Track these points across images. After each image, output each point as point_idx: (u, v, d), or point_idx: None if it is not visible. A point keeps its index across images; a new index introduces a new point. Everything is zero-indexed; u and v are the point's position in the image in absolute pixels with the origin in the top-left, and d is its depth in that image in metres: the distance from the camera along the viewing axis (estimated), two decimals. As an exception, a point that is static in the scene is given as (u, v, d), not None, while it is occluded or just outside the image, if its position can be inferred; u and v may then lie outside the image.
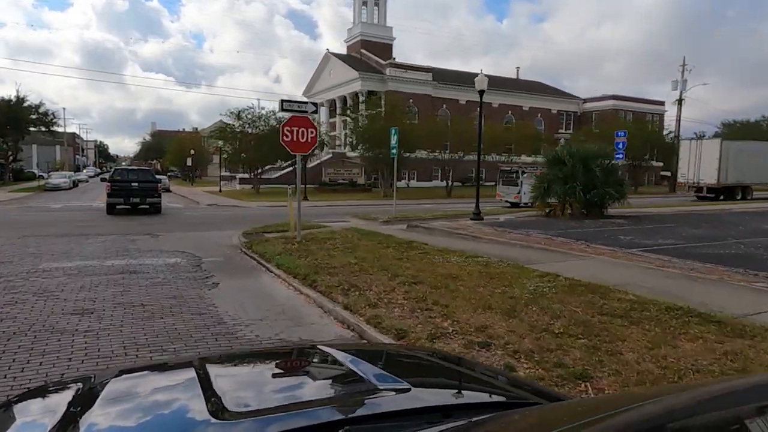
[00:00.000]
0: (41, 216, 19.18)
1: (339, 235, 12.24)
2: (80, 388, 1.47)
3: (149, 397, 1.40)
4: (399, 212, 17.57)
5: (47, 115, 49.66)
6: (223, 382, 1.40)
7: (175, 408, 1.30)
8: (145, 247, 11.40)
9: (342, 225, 15.97)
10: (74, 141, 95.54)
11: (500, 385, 1.64)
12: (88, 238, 12.77)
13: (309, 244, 11.17)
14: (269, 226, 15.15)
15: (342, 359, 1.59)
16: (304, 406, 1.24)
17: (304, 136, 11.30)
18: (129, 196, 19.81)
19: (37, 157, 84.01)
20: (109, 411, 1.25)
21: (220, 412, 1.15)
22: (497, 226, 13.55)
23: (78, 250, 10.82)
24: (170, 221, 17.78)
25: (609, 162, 15.71)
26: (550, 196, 15.47)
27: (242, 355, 2.50)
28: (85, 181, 60.85)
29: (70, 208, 23.41)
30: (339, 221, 17.27)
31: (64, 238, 12.58)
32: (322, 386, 1.48)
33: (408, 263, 8.49)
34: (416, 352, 2.40)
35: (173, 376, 1.60)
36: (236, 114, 35.23)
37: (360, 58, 52.89)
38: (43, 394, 1.58)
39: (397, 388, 1.30)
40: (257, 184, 36.32)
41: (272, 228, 14.53)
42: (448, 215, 17.43)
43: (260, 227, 14.92)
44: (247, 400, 1.32)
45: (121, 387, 1.44)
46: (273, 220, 17.40)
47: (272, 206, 25.48)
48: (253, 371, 1.71)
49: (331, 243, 11.16)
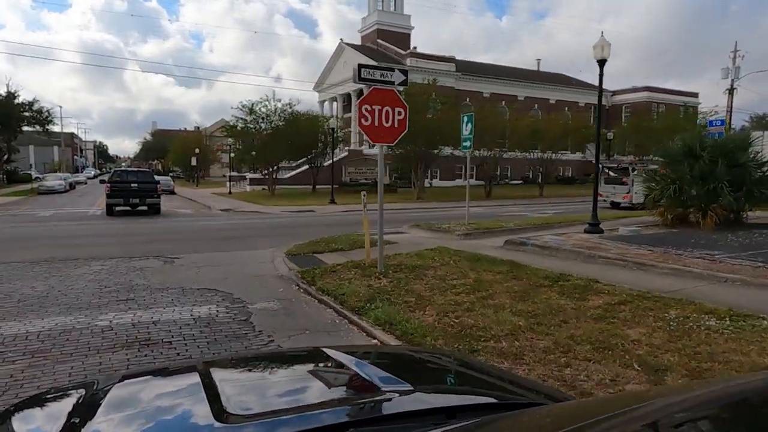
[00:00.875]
0: (23, 229, 15.57)
1: (432, 260, 8.68)
2: (83, 395, 1.45)
3: (153, 402, 1.38)
4: (470, 220, 13.98)
5: (41, 112, 46.18)
6: (228, 386, 1.38)
7: (179, 413, 1.27)
8: (158, 282, 7.81)
9: (407, 239, 12.38)
10: (72, 141, 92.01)
11: (505, 386, 1.62)
12: (78, 264, 9.19)
13: (399, 275, 7.60)
14: (317, 242, 11.57)
15: (346, 362, 1.57)
16: (308, 409, 1.22)
17: (389, 119, 7.73)
18: (128, 197, 19.43)
19: (34, 157, 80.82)
20: (113, 417, 1.23)
21: (225, 417, 1.13)
22: (636, 242, 9.95)
23: (58, 291, 7.21)
24: (184, 234, 14.20)
25: (759, 155, 12.08)
26: (679, 198, 11.85)
27: (246, 358, 2.26)
28: (83, 183, 57.14)
29: (61, 216, 19.81)
30: (396, 232, 13.71)
31: (43, 267, 8.99)
32: (326, 389, 1.43)
33: (623, 326, 4.92)
34: (421, 354, 2.30)
35: (177, 381, 1.59)
36: (249, 108, 31.54)
37: (377, 49, 49.23)
38: (46, 401, 1.55)
39: (402, 390, 1.30)
40: (272, 185, 32.68)
41: (323, 246, 10.96)
42: (543, 224, 13.81)
43: (306, 244, 11.33)
44: (252, 403, 1.31)
45: (125, 393, 1.41)
46: (312, 232, 13.87)
47: (298, 211, 21.88)
48: (258, 375, 1.68)
49: (433, 274, 7.59)
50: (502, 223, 13.60)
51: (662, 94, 55.91)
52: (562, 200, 29.00)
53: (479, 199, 29.35)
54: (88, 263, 9.32)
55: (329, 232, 14.19)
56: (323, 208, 23.18)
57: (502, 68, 56.22)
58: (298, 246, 11.15)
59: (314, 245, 11.14)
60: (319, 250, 10.51)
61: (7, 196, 32.28)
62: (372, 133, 7.63)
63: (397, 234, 13.67)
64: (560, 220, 14.74)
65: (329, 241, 11.70)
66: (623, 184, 20.91)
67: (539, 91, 54.42)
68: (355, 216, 19.51)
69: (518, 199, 29.49)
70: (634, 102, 55.27)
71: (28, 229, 15.42)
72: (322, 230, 14.90)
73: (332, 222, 17.35)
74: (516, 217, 17.51)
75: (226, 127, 33.90)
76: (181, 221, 18.18)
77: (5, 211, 21.40)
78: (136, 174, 21.46)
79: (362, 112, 7.53)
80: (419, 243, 11.47)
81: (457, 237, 12.18)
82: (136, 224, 16.74)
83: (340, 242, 11.40)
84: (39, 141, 73.36)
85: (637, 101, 54.77)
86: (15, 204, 26.45)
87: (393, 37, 50.00)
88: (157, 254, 10.42)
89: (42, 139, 67.52)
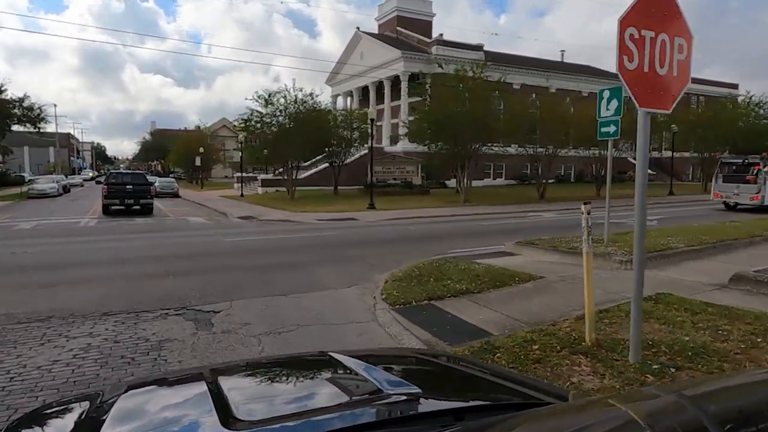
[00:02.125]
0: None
1: (697, 328, 4.75)
2: (89, 407, 1.42)
3: (160, 412, 1.36)
4: (598, 231, 10.04)
5: (32, 109, 42.20)
6: (235, 393, 1.36)
7: (187, 422, 1.26)
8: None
9: (530, 267, 8.46)
10: (69, 142, 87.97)
11: (513, 387, 1.58)
12: (46, 336, 5.24)
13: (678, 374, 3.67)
14: (414, 275, 7.65)
15: (353, 366, 1.55)
16: (316, 414, 1.21)
17: (665, 60, 3.79)
18: (124, 197, 20.48)
19: (29, 159, 77.02)
20: (120, 429, 1.21)
21: (233, 424, 1.11)
22: None
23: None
24: (210, 257, 10.23)
25: None
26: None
27: (252, 365, 2.06)
28: (79, 186, 53.05)
29: (46, 228, 15.85)
30: (498, 254, 9.87)
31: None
32: (333, 394, 1.42)
33: None
34: (427, 356, 2.23)
35: (184, 390, 1.57)
36: (265, 98, 27.52)
37: (397, 37, 45.28)
38: (52, 414, 1.52)
39: (409, 393, 1.28)
40: (292, 186, 28.65)
41: (432, 283, 7.11)
42: (718, 242, 9.82)
43: (401, 279, 7.41)
44: (260, 410, 1.30)
45: (131, 403, 1.38)
46: (377, 252, 10.03)
47: (337, 220, 17.91)
48: (264, 381, 1.65)
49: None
50: (660, 241, 9.64)
51: (700, 85, 52.06)
52: (625, 201, 25.09)
53: (532, 202, 25.44)
54: (66, 331, 5.37)
55: (399, 251, 10.32)
56: (364, 215, 19.22)
57: (529, 59, 52.29)
58: (393, 283, 7.25)
59: (416, 282, 7.23)
60: (434, 294, 6.59)
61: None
62: (639, 87, 3.70)
63: (500, 256, 9.76)
64: (721, 232, 10.82)
65: (431, 272, 7.82)
66: (750, 183, 17.61)
67: (570, 83, 50.61)
68: (413, 227, 15.55)
69: (573, 202, 25.53)
70: (671, 94, 51.41)
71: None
72: (387, 248, 11.02)
73: (390, 236, 13.42)
74: (628, 226, 13.59)
75: (238, 120, 29.81)
76: (198, 236, 14.23)
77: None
78: (131, 176, 22.35)
79: (624, 42, 3.60)
80: (564, 276, 7.57)
81: (618, 265, 8.24)
82: (140, 240, 12.77)
83: (454, 275, 7.52)
84: (34, 142, 69.34)
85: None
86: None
87: (414, 24, 46.04)
88: (179, 301, 6.48)
89: (37, 139, 63.52)
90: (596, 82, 52.00)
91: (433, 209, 21.88)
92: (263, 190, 36.31)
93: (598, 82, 52.06)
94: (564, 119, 27.11)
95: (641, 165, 3.87)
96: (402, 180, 32.28)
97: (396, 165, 32.58)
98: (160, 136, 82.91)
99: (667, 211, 20.33)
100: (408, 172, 32.74)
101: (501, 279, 7.41)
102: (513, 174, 46.54)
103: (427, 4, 47.83)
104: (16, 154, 63.70)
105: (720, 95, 52.26)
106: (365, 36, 46.06)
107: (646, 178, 3.89)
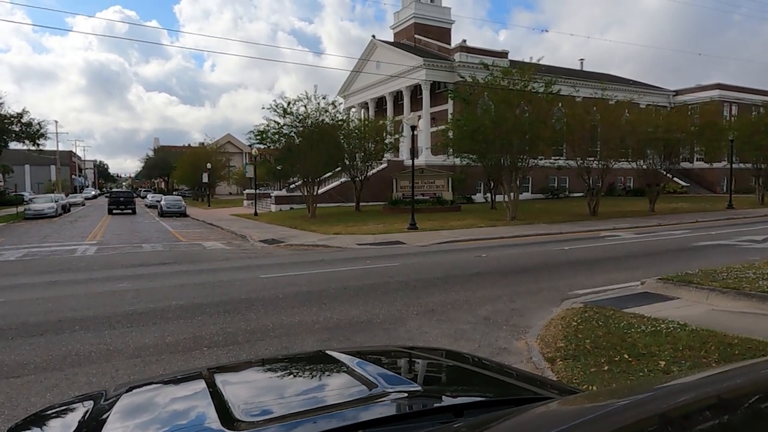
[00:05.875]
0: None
1: None
2: (92, 406, 1.42)
3: (161, 411, 1.36)
4: (752, 257, 7.23)
5: (31, 125, 39.74)
6: (234, 391, 1.36)
7: (187, 421, 1.25)
8: None
9: (692, 317, 5.62)
10: (71, 160, 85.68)
11: (512, 382, 1.56)
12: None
13: None
14: (646, 363, 4.82)
15: (352, 364, 1.53)
16: (315, 412, 1.18)
17: None
18: (118, 204, 35.90)
19: (30, 177, 74.79)
20: (122, 428, 1.21)
21: (233, 423, 1.11)
22: None
23: None
24: (256, 304, 7.33)
25: None
26: None
27: (251, 363, 2.15)
28: (80, 205, 50.11)
29: (34, 261, 13.07)
30: (621, 293, 7.08)
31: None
32: (332, 392, 1.42)
33: None
34: (427, 353, 2.12)
35: (184, 389, 1.56)
36: (283, 107, 24.89)
37: (415, 45, 42.92)
38: (56, 414, 1.50)
39: (408, 390, 1.28)
40: (313, 203, 25.86)
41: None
42: None
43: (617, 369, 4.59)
44: (259, 409, 1.27)
45: (133, 402, 1.39)
46: (481, 294, 7.08)
47: (382, 243, 15.06)
48: (263, 379, 1.65)
49: None
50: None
51: (735, 92, 49.46)
52: (680, 218, 22.24)
53: (584, 219, 22.61)
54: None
55: (502, 293, 7.41)
56: (409, 238, 16.38)
57: (553, 67, 49.88)
58: (562, 364, 4.45)
59: (594, 361, 4.43)
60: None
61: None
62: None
63: (650, 301, 6.92)
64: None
65: (604, 336, 5.04)
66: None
67: (592, 91, 48.07)
68: (484, 253, 12.52)
69: (632, 218, 22.71)
70: (701, 102, 48.77)
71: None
72: (481, 288, 8.07)
73: (470, 269, 10.52)
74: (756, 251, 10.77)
75: (251, 134, 27.14)
76: (224, 269, 11.38)
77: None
78: (123, 193, 39.99)
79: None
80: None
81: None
82: (151, 279, 9.91)
83: (645, 344, 4.71)
84: (35, 160, 67.18)
85: (706, 101, 48.26)
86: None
87: (432, 31, 43.69)
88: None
89: (38, 157, 61.14)
90: (622, 90, 49.56)
91: (482, 229, 19.07)
92: (277, 207, 33.58)
93: (623, 90, 49.64)
94: (621, 130, 24.74)
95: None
96: (431, 195, 29.54)
97: (424, 179, 29.86)
98: (163, 152, 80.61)
99: (758, 228, 17.50)
100: (438, 187, 30.00)
101: (726, 353, 4.61)
102: (539, 187, 43.85)
103: (446, 11, 45.55)
104: (17, 172, 61.40)
105: (758, 102, 49.74)
106: (381, 44, 43.71)
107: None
